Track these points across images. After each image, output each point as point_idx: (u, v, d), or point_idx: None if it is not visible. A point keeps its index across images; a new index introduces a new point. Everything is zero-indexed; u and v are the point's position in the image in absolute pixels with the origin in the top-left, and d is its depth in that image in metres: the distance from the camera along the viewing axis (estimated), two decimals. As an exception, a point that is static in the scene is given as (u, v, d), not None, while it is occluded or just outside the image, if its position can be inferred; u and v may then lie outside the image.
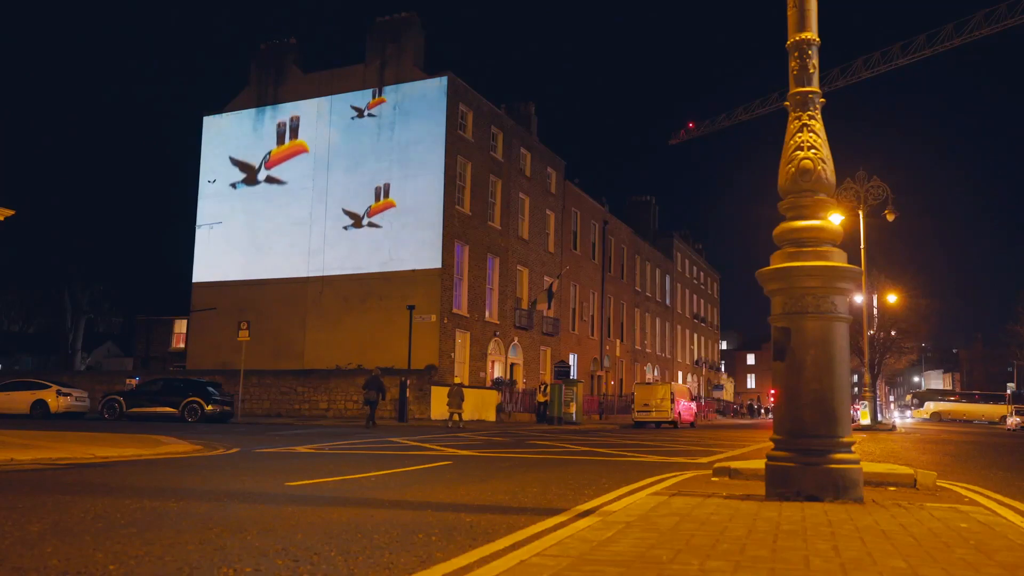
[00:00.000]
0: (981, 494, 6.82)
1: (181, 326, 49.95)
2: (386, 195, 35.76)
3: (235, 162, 39.26)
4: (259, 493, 6.80)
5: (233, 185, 39.22)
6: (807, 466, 5.32)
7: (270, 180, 38.37)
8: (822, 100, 5.87)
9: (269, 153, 38.54)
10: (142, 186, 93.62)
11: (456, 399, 25.48)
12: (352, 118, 36.87)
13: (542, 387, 34.08)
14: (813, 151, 5.75)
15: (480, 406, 32.08)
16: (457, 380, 32.71)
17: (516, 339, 40.52)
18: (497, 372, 38.47)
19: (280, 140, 38.41)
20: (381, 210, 35.72)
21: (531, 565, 3.28)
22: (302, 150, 37.78)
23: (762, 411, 78.35)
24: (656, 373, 61.31)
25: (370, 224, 35.77)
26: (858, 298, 35.27)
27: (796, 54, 5.87)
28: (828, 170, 5.77)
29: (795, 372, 5.45)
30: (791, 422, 5.45)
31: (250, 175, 38.88)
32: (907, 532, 4.08)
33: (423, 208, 34.90)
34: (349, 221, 36.33)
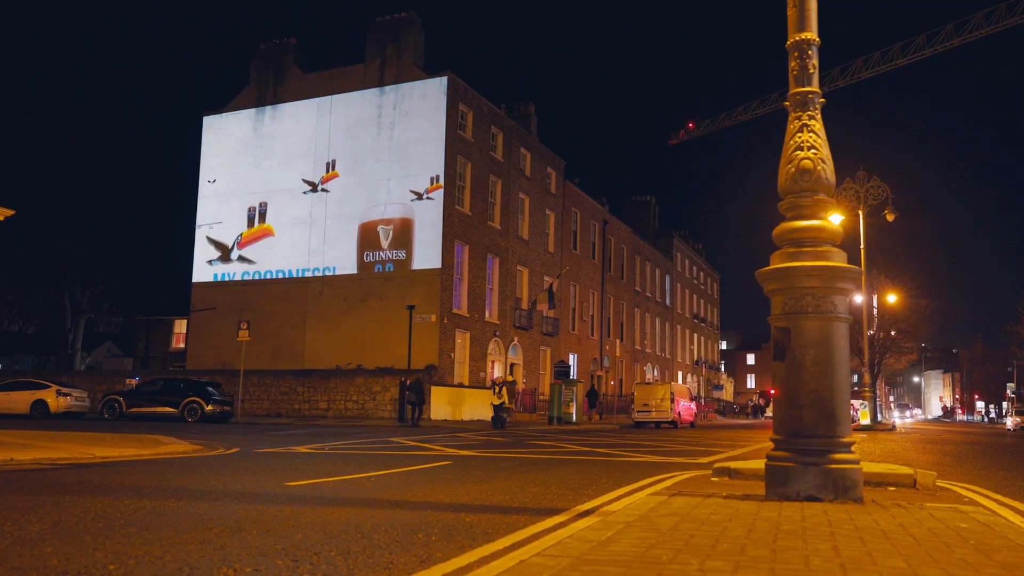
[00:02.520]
0: (981, 494, 6.82)
1: (181, 326, 49.95)
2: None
3: (211, 240, 39.42)
4: (259, 493, 6.80)
5: (210, 262, 39.30)
6: (807, 466, 5.32)
7: (242, 259, 38.63)
8: (822, 100, 5.87)
9: (241, 235, 38.80)
10: (142, 186, 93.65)
11: (507, 397, 28.35)
12: (304, 192, 37.38)
13: (496, 389, 27.37)
14: (813, 151, 5.75)
15: (480, 406, 32.08)
16: (510, 379, 34.69)
17: (516, 339, 40.51)
18: (497, 372, 38.44)
19: (250, 223, 38.69)
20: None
21: (531, 565, 3.28)
22: (268, 234, 38.16)
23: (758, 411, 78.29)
24: (656, 373, 61.29)
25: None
26: (858, 298, 35.30)
27: (796, 54, 5.87)
28: (828, 170, 5.77)
29: (795, 372, 5.45)
30: (791, 422, 5.44)
31: (224, 253, 39.10)
32: (907, 532, 4.08)
33: (423, 208, 34.91)
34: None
